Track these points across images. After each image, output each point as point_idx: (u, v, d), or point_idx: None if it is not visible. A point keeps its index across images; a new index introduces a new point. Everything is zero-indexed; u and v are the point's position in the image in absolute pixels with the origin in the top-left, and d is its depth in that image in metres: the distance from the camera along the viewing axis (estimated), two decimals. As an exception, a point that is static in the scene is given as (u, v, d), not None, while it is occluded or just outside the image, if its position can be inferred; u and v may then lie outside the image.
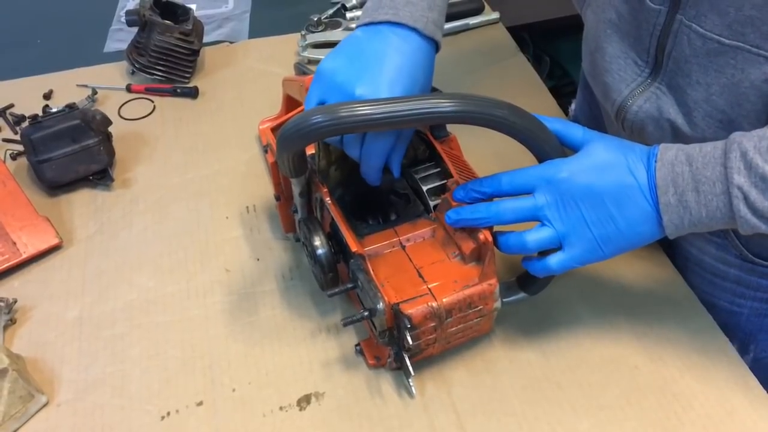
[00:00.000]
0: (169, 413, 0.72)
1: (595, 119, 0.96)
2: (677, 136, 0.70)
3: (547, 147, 0.63)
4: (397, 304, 0.65)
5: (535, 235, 0.63)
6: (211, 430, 0.70)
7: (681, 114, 0.69)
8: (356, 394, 0.72)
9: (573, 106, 1.10)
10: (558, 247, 0.64)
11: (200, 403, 0.73)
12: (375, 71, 0.64)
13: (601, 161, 0.61)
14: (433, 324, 0.66)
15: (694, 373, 0.72)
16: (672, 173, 0.58)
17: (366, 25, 0.68)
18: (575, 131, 0.65)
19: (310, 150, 0.73)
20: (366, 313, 0.68)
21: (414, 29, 0.67)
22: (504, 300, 0.73)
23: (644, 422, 0.69)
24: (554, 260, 0.64)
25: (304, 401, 0.72)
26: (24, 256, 0.86)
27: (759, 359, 0.80)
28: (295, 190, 0.74)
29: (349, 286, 0.71)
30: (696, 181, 0.57)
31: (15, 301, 0.82)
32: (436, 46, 0.70)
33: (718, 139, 0.61)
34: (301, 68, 1.11)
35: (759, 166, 0.55)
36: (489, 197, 0.66)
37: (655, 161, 0.59)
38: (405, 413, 0.71)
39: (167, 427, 0.71)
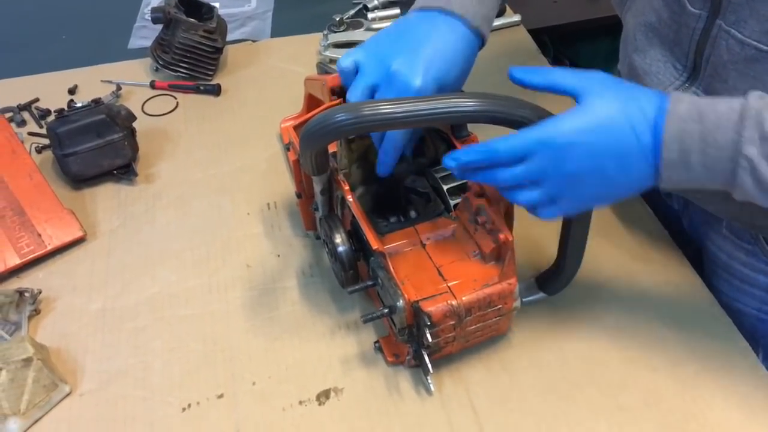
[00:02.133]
0: (190, 405, 0.73)
1: None
2: None
3: None
4: (417, 301, 0.66)
5: (527, 195, 0.61)
6: (231, 423, 0.71)
7: None
8: (375, 390, 0.73)
9: None
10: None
11: (221, 396, 0.73)
12: (415, 50, 0.67)
13: (601, 120, 0.58)
14: (452, 322, 0.67)
15: (714, 377, 0.72)
16: (681, 131, 0.55)
17: (419, 9, 0.72)
18: (569, 79, 0.61)
19: (333, 148, 0.74)
20: (386, 311, 0.68)
21: (463, 19, 0.69)
22: (523, 299, 0.73)
23: (663, 424, 0.69)
24: (544, 212, 0.62)
25: (323, 396, 0.73)
26: (48, 248, 0.88)
27: None
28: (317, 187, 0.75)
29: (369, 283, 0.72)
30: (704, 143, 0.55)
31: (39, 292, 0.83)
32: (481, 40, 0.72)
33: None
34: (324, 68, 1.12)
35: None
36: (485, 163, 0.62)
37: (665, 115, 0.56)
38: (422, 410, 0.71)
39: (188, 418, 0.72)
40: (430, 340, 0.66)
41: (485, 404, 0.71)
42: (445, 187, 0.73)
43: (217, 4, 1.21)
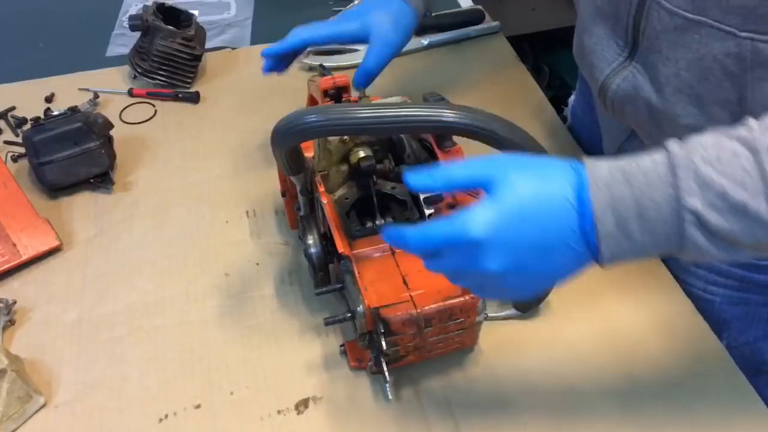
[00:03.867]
0: (167, 416, 0.72)
1: (590, 107, 0.99)
2: (651, 113, 0.73)
3: None
4: (378, 308, 0.66)
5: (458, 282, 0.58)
6: (208, 433, 0.71)
7: (654, 91, 0.71)
8: (354, 398, 0.73)
9: (572, 98, 1.12)
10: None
11: (198, 407, 0.73)
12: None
13: (515, 210, 0.51)
14: (411, 331, 0.67)
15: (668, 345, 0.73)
16: (610, 197, 0.50)
17: None
18: (473, 171, 0.54)
19: (311, 152, 0.74)
20: (348, 315, 0.69)
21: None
22: (490, 315, 0.74)
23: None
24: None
25: (302, 405, 0.72)
26: (24, 257, 0.87)
27: (732, 347, 0.78)
28: (297, 187, 0.75)
29: (338, 286, 0.72)
30: (640, 206, 0.49)
31: (14, 302, 0.82)
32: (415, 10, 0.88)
33: (687, 114, 0.63)
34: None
35: (715, 181, 0.48)
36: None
37: (588, 185, 0.50)
38: (403, 418, 0.71)
39: (165, 429, 0.71)
40: (385, 347, 0.66)
41: (465, 411, 0.71)
42: (422, 196, 0.73)
43: (195, 12, 1.21)
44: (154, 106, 1.12)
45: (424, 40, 1.22)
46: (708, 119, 0.68)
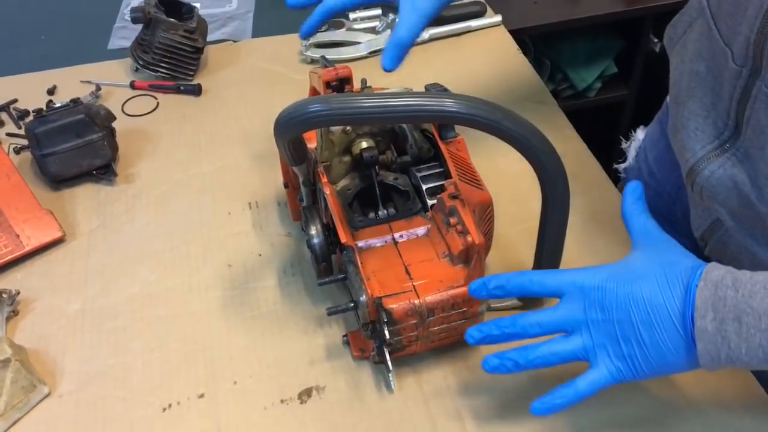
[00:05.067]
0: (170, 405, 0.72)
1: (668, 157, 0.86)
2: (747, 209, 0.65)
3: (540, 154, 0.62)
4: (380, 298, 0.66)
5: (563, 346, 0.59)
6: (212, 423, 0.71)
7: (753, 188, 0.63)
8: (357, 388, 0.73)
9: (640, 133, 0.97)
10: (585, 362, 0.60)
11: (201, 396, 0.73)
12: None
13: (636, 272, 0.57)
14: (414, 321, 0.67)
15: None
16: (714, 296, 0.52)
17: None
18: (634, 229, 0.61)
19: (313, 143, 0.75)
20: (351, 305, 0.69)
21: None
22: (492, 305, 0.74)
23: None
24: (583, 381, 0.59)
25: (305, 395, 0.73)
26: (27, 248, 0.87)
27: None
28: (299, 178, 0.75)
29: (341, 276, 0.72)
30: (739, 310, 0.51)
31: (18, 293, 0.82)
32: None
33: None
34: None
35: None
36: (515, 296, 0.64)
37: (699, 280, 0.53)
38: (405, 407, 0.71)
39: (168, 418, 0.71)
40: (388, 337, 0.66)
41: (468, 401, 0.71)
42: (424, 187, 0.73)
43: (197, 5, 1.21)
44: (156, 98, 1.13)
45: (426, 34, 1.22)
46: None
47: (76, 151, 0.95)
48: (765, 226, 0.65)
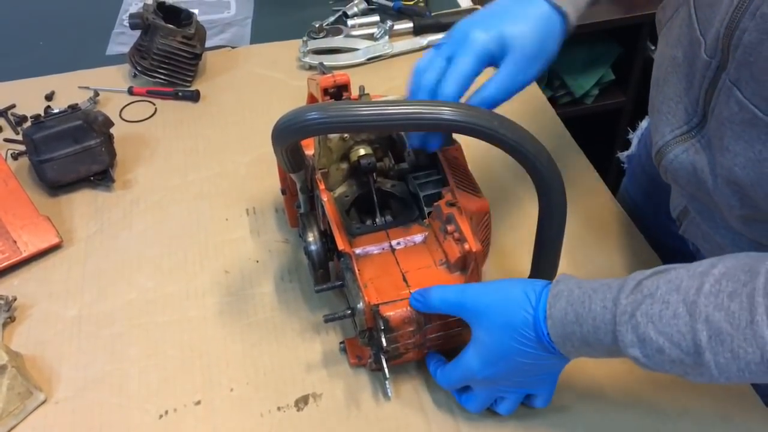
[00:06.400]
0: (167, 412, 0.72)
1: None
2: (704, 195, 0.68)
3: (537, 162, 0.62)
4: (377, 305, 0.66)
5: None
6: (208, 430, 0.71)
7: (710, 175, 0.65)
8: (354, 395, 0.73)
9: (644, 123, 0.98)
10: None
11: (198, 403, 0.73)
12: (495, 20, 0.68)
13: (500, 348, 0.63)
14: (411, 329, 0.67)
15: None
16: (564, 335, 0.58)
17: None
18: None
19: (311, 150, 0.75)
20: (348, 312, 0.69)
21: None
22: None
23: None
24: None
25: (302, 402, 0.73)
26: (24, 254, 0.87)
27: None
28: (297, 185, 0.75)
29: (338, 283, 0.72)
30: (588, 345, 0.58)
31: (14, 299, 0.82)
32: (566, 20, 0.71)
33: (732, 206, 0.61)
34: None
35: (653, 339, 0.53)
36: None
37: (545, 321, 0.59)
38: (402, 415, 0.71)
39: (165, 425, 0.71)
40: (385, 344, 0.66)
41: (465, 412, 0.71)
42: (421, 194, 0.74)
43: (196, 11, 1.21)
44: (154, 104, 1.13)
45: (424, 40, 1.22)
46: (756, 218, 0.64)
47: (73, 156, 0.95)
48: (719, 213, 0.69)
